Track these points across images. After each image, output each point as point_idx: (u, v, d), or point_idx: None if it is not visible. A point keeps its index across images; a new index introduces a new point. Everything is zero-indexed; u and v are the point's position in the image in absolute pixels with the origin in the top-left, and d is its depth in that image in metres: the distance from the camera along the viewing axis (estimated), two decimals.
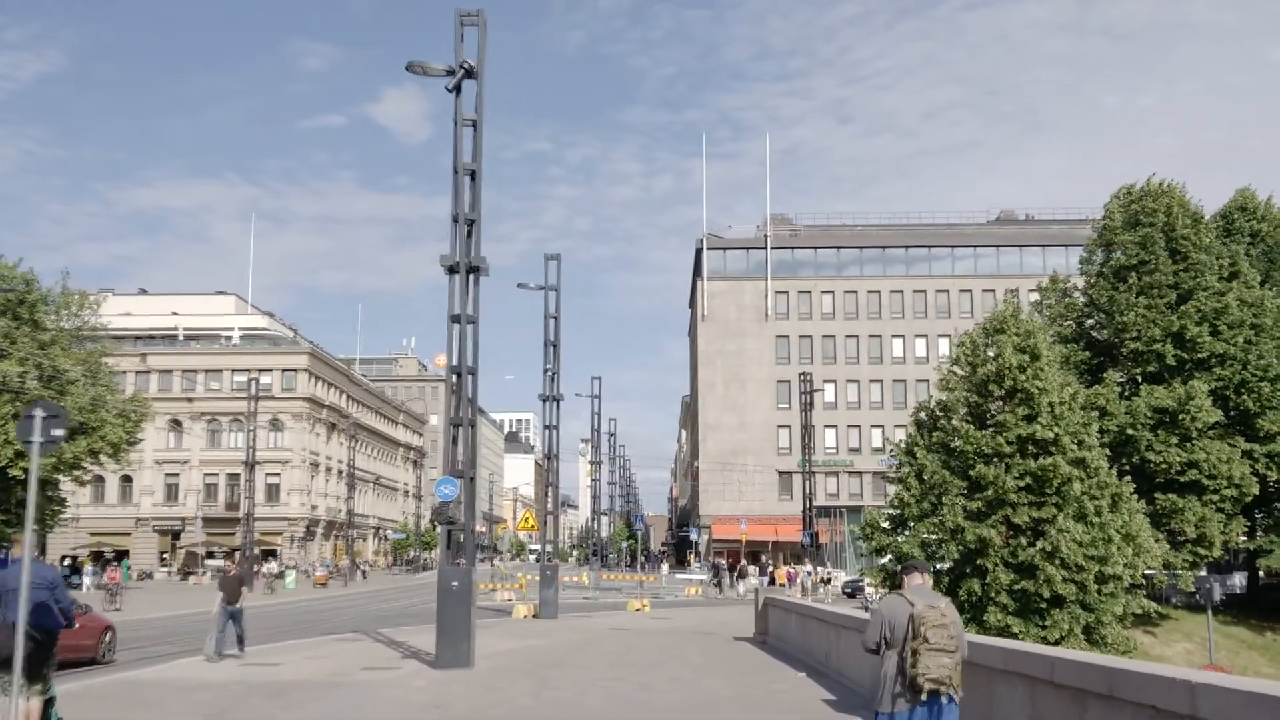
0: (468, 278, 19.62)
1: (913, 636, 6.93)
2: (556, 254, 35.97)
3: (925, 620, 6.91)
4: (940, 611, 7.04)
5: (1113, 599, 25.44)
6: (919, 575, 7.67)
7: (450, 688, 15.75)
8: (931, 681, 6.83)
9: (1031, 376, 26.39)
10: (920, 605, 7.05)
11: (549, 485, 36.49)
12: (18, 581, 9.42)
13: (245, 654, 19.85)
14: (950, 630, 6.98)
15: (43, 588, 9.75)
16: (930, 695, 6.87)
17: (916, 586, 7.50)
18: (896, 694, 7.03)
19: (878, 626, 7.37)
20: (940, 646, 6.86)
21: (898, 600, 7.38)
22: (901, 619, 7.11)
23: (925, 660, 6.82)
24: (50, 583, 9.96)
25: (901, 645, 7.06)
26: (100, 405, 55.43)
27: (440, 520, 18.84)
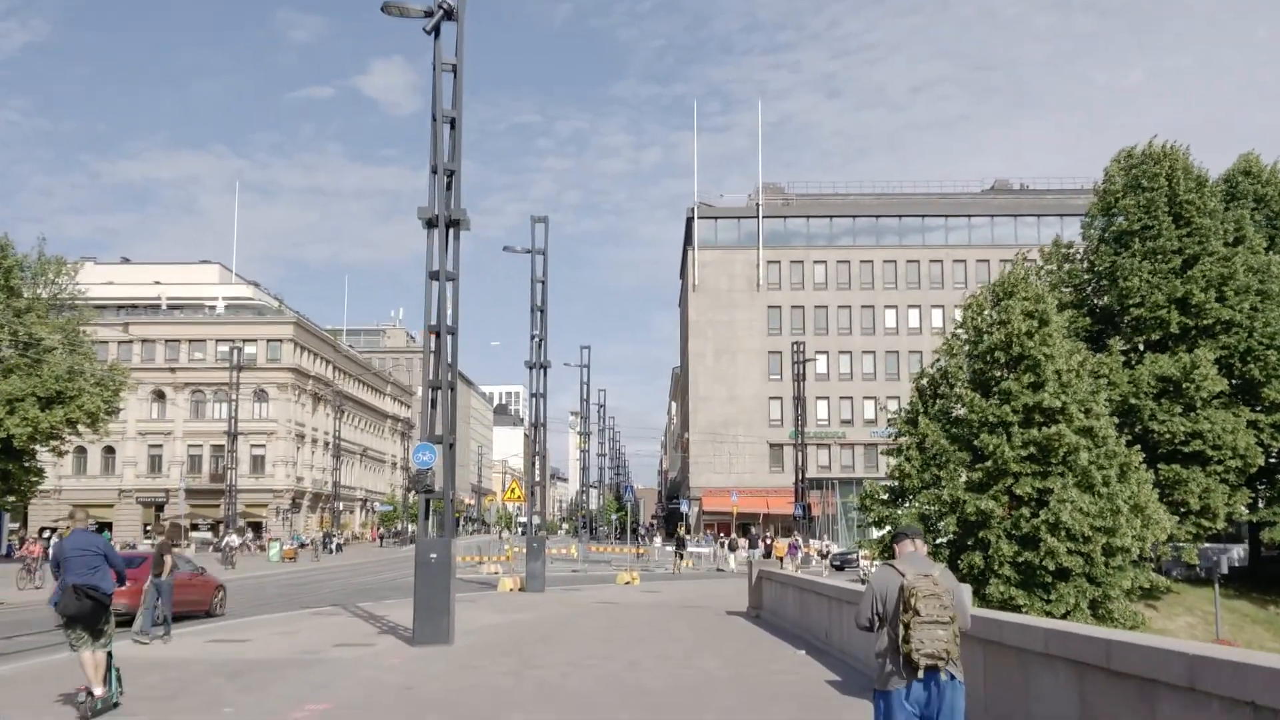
0: (447, 232, 18.47)
1: (904, 609, 6.34)
2: (544, 216, 34.82)
3: (916, 591, 6.32)
4: (932, 580, 6.44)
5: (1121, 572, 24.46)
6: (910, 542, 6.99)
7: (425, 666, 14.70)
8: (927, 657, 6.23)
9: (1039, 343, 25.32)
10: (911, 575, 6.46)
11: (536, 455, 35.41)
12: (74, 550, 10.89)
13: (169, 636, 18.07)
14: (943, 600, 6.35)
15: (96, 554, 11.01)
16: (928, 671, 6.26)
17: (908, 555, 6.87)
18: (891, 672, 6.46)
19: (870, 601, 6.76)
20: (933, 618, 6.26)
21: (888, 571, 6.75)
22: (893, 591, 6.52)
23: (918, 634, 6.24)
24: (101, 549, 11.19)
25: (893, 619, 6.47)
26: (78, 374, 54.23)
27: (418, 489, 17.74)
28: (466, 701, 11.78)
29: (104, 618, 11.13)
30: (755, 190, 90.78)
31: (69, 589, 10.69)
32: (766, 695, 12.24)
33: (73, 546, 10.99)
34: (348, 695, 12.22)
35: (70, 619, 10.78)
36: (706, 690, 12.60)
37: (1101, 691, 6.72)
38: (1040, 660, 7.73)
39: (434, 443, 18.02)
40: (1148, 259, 37.49)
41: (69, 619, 10.79)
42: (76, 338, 55.92)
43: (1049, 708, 7.60)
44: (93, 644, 10.91)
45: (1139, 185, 38.67)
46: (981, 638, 8.98)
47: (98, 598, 10.88)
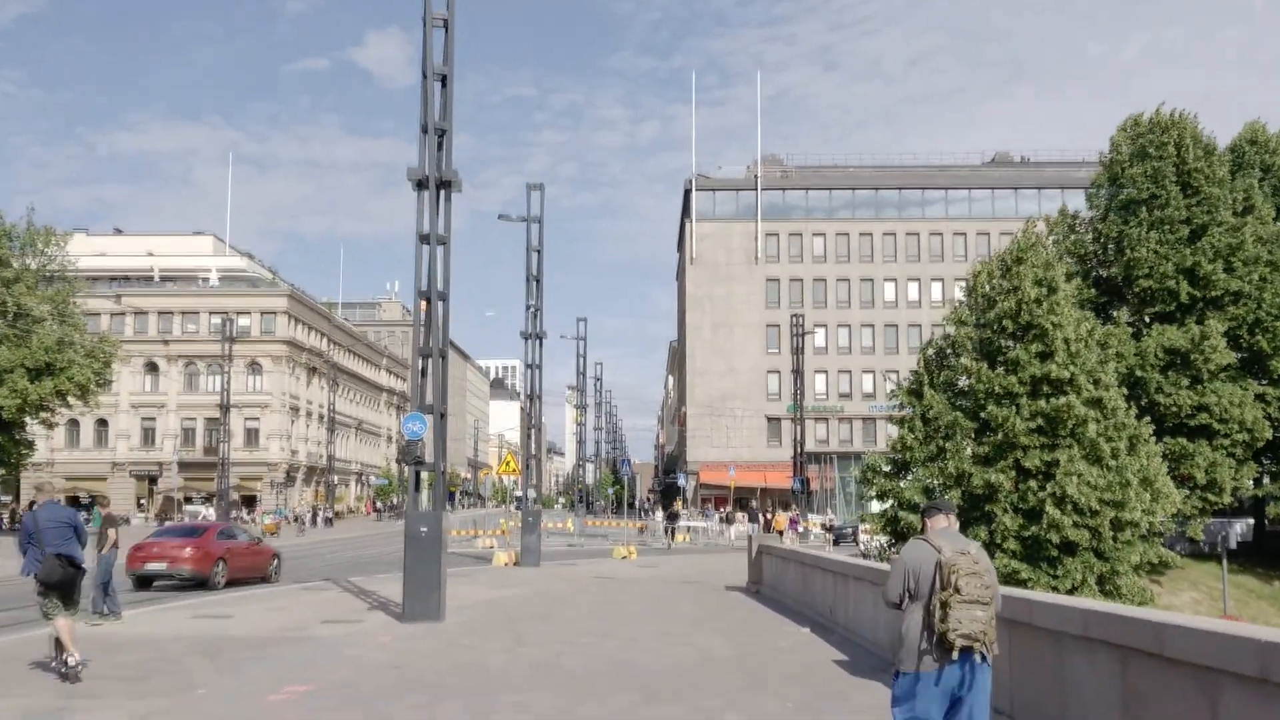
0: (438, 193, 17.75)
1: (941, 587, 6.01)
2: (539, 184, 34.06)
3: (956, 568, 5.99)
4: (972, 558, 6.10)
5: (1129, 547, 23.85)
6: (944, 517, 6.61)
7: (414, 644, 14.09)
8: (964, 638, 5.90)
9: (1047, 311, 24.65)
10: (949, 551, 6.11)
11: (531, 427, 34.76)
12: (48, 522, 11.40)
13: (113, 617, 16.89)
14: (984, 579, 6.05)
15: (67, 525, 11.53)
16: (963, 653, 5.95)
17: (942, 530, 6.48)
18: (923, 651, 6.09)
19: (900, 577, 6.38)
20: (974, 597, 5.94)
21: (922, 546, 6.36)
22: (927, 568, 6.17)
23: (956, 614, 5.90)
24: (71, 521, 11.67)
25: (928, 597, 6.12)
26: (67, 345, 53.53)
27: (408, 460, 17.10)
28: (456, 682, 11.17)
29: (78, 586, 11.74)
30: (754, 162, 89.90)
31: (50, 557, 11.17)
32: (772, 676, 11.63)
33: (46, 518, 11.48)
34: (331, 675, 11.61)
35: (49, 586, 11.24)
36: (708, 670, 11.99)
37: (1151, 680, 6.08)
38: (1078, 644, 7.10)
39: (425, 413, 17.37)
40: (1155, 229, 36.74)
41: (48, 586, 11.25)
42: (66, 308, 55.17)
43: (1087, 695, 6.97)
44: (65, 611, 11.35)
45: (1146, 154, 37.89)
46: (1007, 618, 8.34)
47: (75, 566, 11.47)
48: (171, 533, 26.46)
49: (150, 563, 24.02)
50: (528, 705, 9.89)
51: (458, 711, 9.60)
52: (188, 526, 28.84)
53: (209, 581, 23.83)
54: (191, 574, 23.79)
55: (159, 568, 24.02)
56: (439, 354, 17.43)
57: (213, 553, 24.33)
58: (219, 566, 24.33)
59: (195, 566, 23.89)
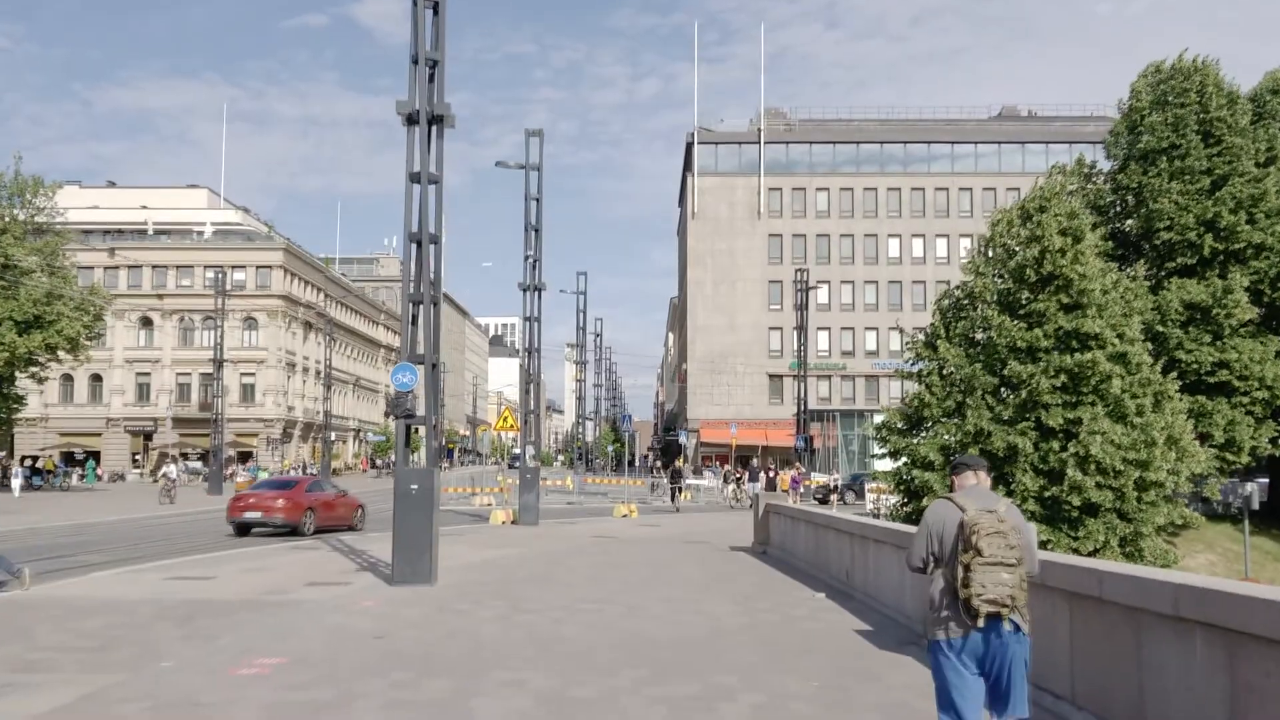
0: (430, 129, 16.60)
1: (963, 549, 5.48)
2: (539, 130, 32.79)
3: (978, 528, 5.45)
4: (997, 516, 5.54)
5: (1154, 508, 22.86)
6: (972, 474, 6.03)
7: (401, 611, 13.09)
8: (988, 603, 5.36)
9: (1072, 261, 23.49)
10: (972, 510, 5.59)
11: (529, 382, 33.69)
12: None
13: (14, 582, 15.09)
14: (1009, 539, 5.45)
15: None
16: (989, 620, 5.39)
17: (970, 488, 5.93)
18: (946, 619, 5.59)
19: (924, 539, 5.86)
20: (996, 559, 5.38)
21: (946, 506, 5.84)
22: (951, 528, 5.67)
23: (979, 577, 5.38)
24: None
25: (951, 560, 5.62)
26: (56, 298, 52.43)
27: (397, 413, 16.03)
28: (443, 655, 10.16)
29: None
30: (757, 115, 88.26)
31: None
32: (790, 648, 10.62)
33: None
34: (308, 646, 10.61)
35: None
36: (720, 641, 10.99)
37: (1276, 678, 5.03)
38: (1165, 625, 6.05)
39: (415, 363, 16.31)
40: (1176, 179, 35.46)
41: None
42: (55, 261, 54.02)
43: (1176, 687, 5.92)
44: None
45: (1167, 102, 36.54)
46: (1069, 590, 7.33)
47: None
48: (267, 485, 29.51)
49: (248, 512, 26.72)
50: (522, 683, 8.88)
51: (443, 692, 8.59)
52: (282, 480, 31.54)
53: (299, 529, 26.37)
54: (283, 522, 26.48)
55: (255, 516, 26.62)
56: (430, 300, 16.34)
57: (302, 504, 26.95)
58: (308, 516, 26.82)
59: (286, 516, 26.53)
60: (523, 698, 8.38)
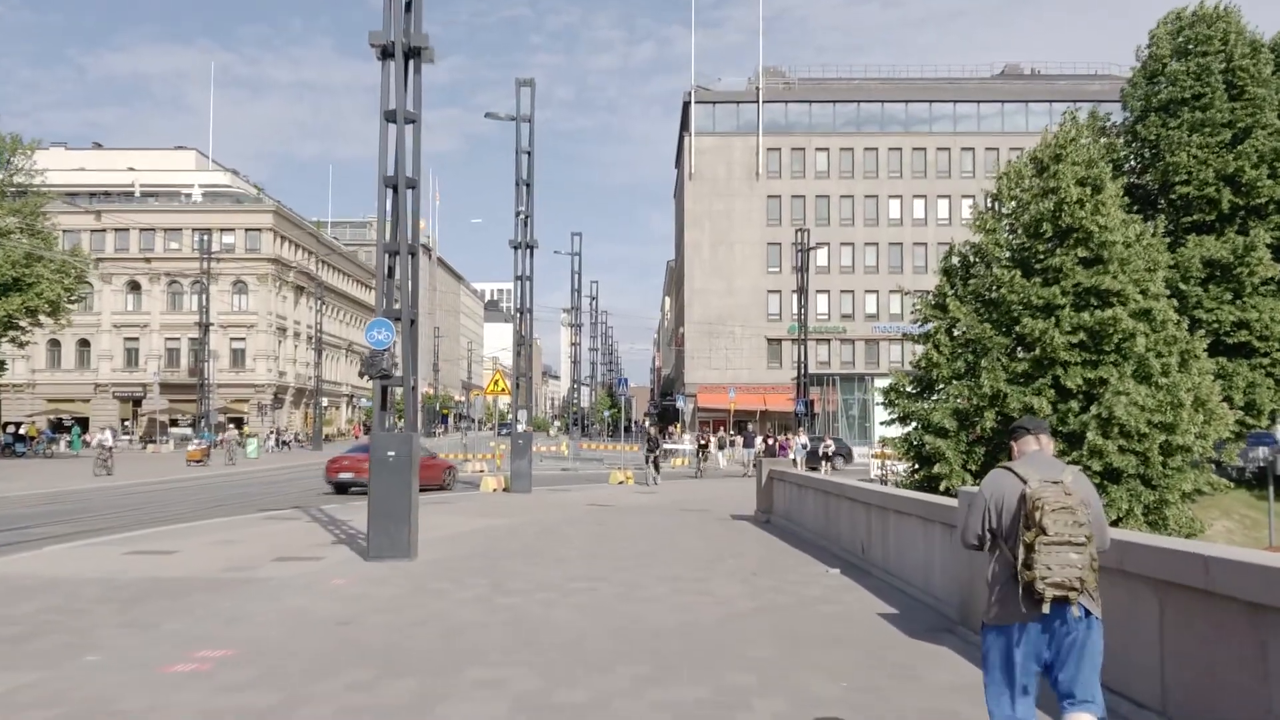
0: (406, 63, 15.17)
1: (1025, 526, 4.83)
2: (530, 79, 31.27)
3: (1042, 502, 4.79)
4: (1063, 489, 4.86)
5: (1180, 474, 21.59)
6: (1034, 439, 5.36)
7: (373, 591, 11.82)
8: (1054, 586, 4.72)
9: (1091, 213, 22.10)
10: (1035, 482, 4.90)
11: (520, 344, 32.33)
12: None
13: None
14: (1077, 514, 4.79)
15: None
16: (1055, 605, 4.75)
17: (1031, 455, 5.24)
18: (1007, 603, 4.92)
19: (980, 513, 5.18)
20: (1064, 537, 4.74)
21: (1005, 477, 5.14)
22: (1011, 501, 5.01)
23: (1044, 558, 4.72)
24: None
25: (1012, 537, 4.96)
26: (36, 260, 50.94)
27: (372, 373, 14.68)
28: (413, 646, 8.88)
29: None
30: (755, 75, 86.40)
31: None
32: (809, 636, 9.35)
33: None
34: (261, 635, 9.34)
35: None
36: (729, 629, 9.72)
37: None
38: None
39: (391, 318, 14.96)
40: (1196, 131, 33.99)
41: None
42: (35, 221, 52.48)
43: None
44: None
45: (1188, 50, 35.02)
46: (1159, 578, 6.04)
47: None
48: (360, 448, 30.83)
49: (342, 473, 29.48)
50: (500, 684, 7.59)
51: (405, 695, 7.29)
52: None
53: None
54: (353, 478, 28.62)
55: (349, 477, 29.02)
56: (407, 250, 14.97)
57: None
58: None
59: (355, 473, 28.61)
60: (499, 703, 7.08)
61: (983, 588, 8.74)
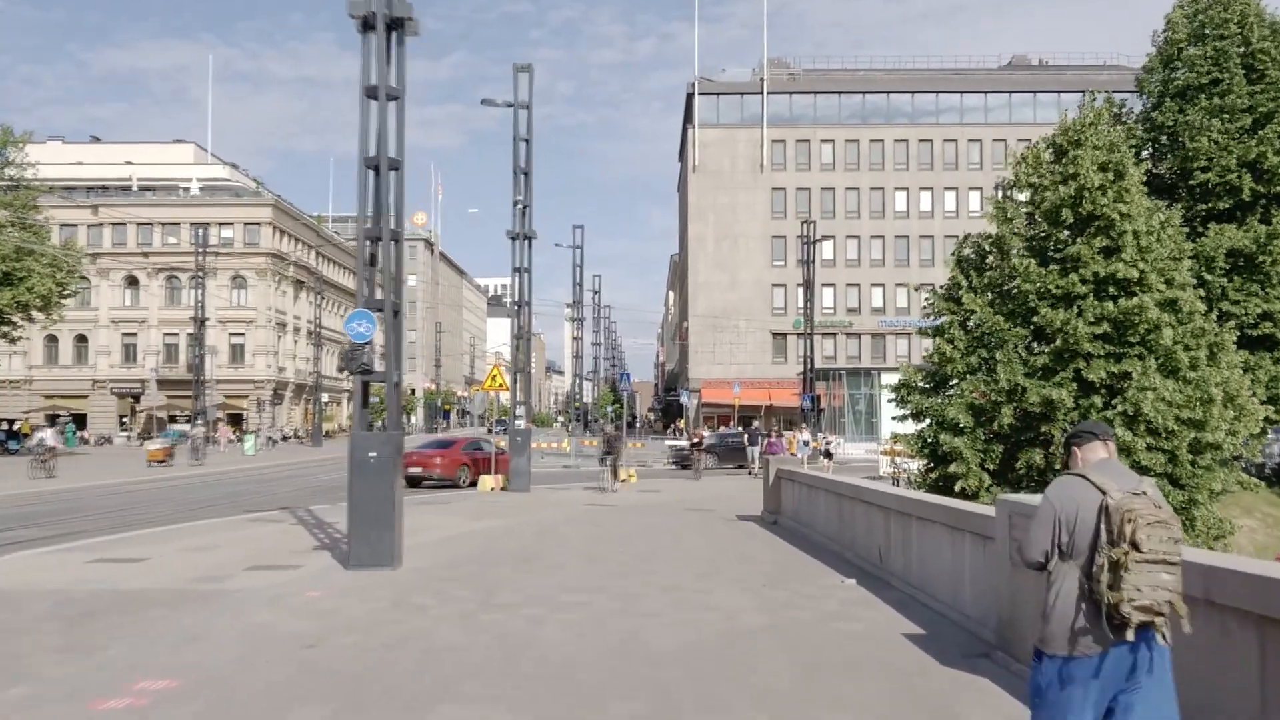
0: (388, 36, 14.16)
1: (1110, 541, 4.20)
2: (527, 65, 30.24)
3: (1134, 515, 4.14)
4: (1151, 501, 4.26)
5: (1209, 473, 20.59)
6: (1101, 445, 4.69)
7: (348, 605, 10.82)
8: (1142, 610, 4.12)
9: (1114, 199, 21.04)
10: (1117, 493, 4.26)
11: (518, 337, 31.32)
12: None
13: None
14: (1173, 530, 4.20)
15: None
16: (1140, 631, 4.17)
17: (1100, 462, 4.59)
18: (1081, 630, 4.29)
19: (1048, 526, 4.48)
20: (1158, 555, 4.13)
21: (1080, 486, 4.43)
22: (1088, 514, 4.32)
23: (1135, 578, 4.10)
24: None
25: (1089, 555, 4.31)
26: (28, 254, 49.97)
27: (352, 368, 13.68)
28: (382, 675, 7.88)
29: None
30: (759, 65, 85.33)
31: None
32: (829, 663, 8.33)
33: None
34: (214, 660, 8.35)
35: None
36: (738, 651, 8.71)
37: None
38: None
39: (373, 309, 13.97)
40: (1216, 116, 32.89)
41: None
42: (26, 215, 51.50)
43: None
44: None
45: (1205, 34, 33.93)
46: (1259, 613, 5.03)
47: None
48: (429, 444, 33.11)
49: (411, 468, 29.76)
50: None
51: None
52: (441, 439, 34.54)
53: (456, 482, 30.27)
54: (441, 477, 30.47)
55: (418, 471, 30.22)
56: (390, 236, 13.97)
57: (458, 460, 31.14)
58: (463, 471, 30.84)
59: (443, 471, 30.66)
60: None
61: (1028, 608, 7.77)
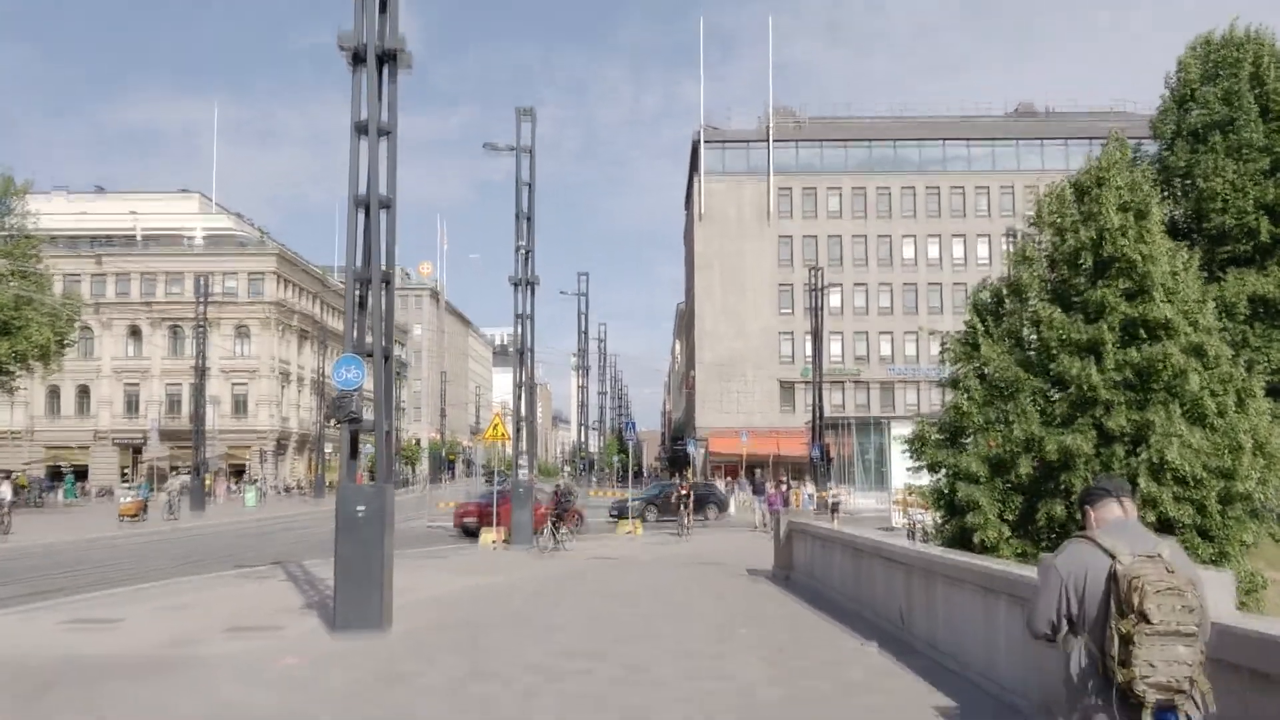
0: (380, 69, 13.55)
1: (1119, 612, 3.75)
2: (530, 108, 29.78)
3: (1142, 581, 3.71)
4: (1163, 565, 3.79)
5: (1239, 524, 19.68)
6: (1117, 503, 4.20)
7: (327, 676, 9.98)
8: (1157, 689, 3.67)
9: (1135, 240, 20.30)
10: (1127, 556, 3.82)
11: (520, 385, 30.54)
12: None
13: None
14: (1186, 598, 3.71)
15: None
16: (1159, 712, 3.68)
17: (1115, 523, 4.10)
18: (1093, 709, 3.84)
19: (1054, 595, 4.02)
20: (1171, 627, 3.67)
21: (1087, 549, 4.01)
22: (1096, 581, 3.89)
23: (1145, 652, 3.66)
24: None
25: (1100, 626, 3.85)
26: (26, 303, 49.44)
27: (339, 417, 12.92)
28: None
29: None
30: (765, 114, 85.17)
31: None
32: None
33: None
34: None
35: None
36: None
37: None
38: None
39: (362, 354, 13.24)
40: (1231, 157, 32.23)
41: None
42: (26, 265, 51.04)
43: None
44: None
45: (1218, 75, 33.37)
46: None
47: None
48: (484, 496, 33.90)
49: (467, 518, 32.26)
50: None
51: None
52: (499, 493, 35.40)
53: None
54: (475, 524, 30.97)
55: (472, 522, 31.37)
56: (381, 278, 13.27)
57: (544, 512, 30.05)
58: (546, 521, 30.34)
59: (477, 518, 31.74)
60: None
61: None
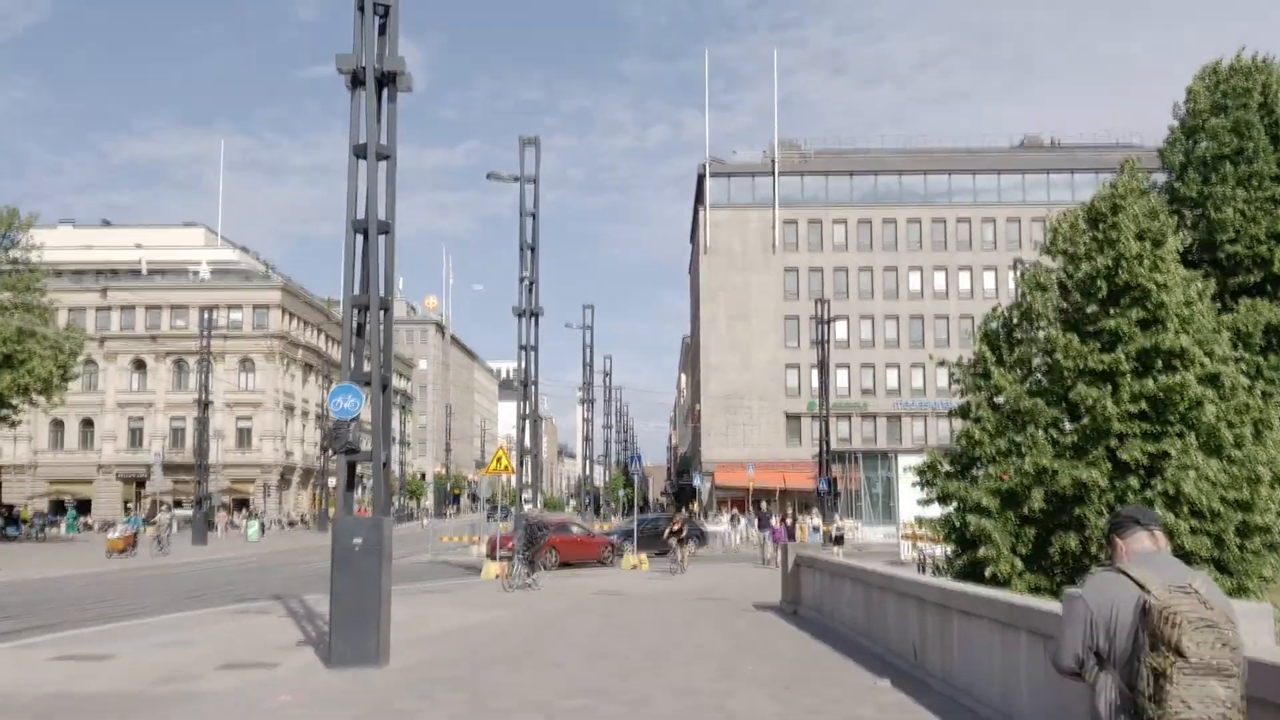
0: (380, 92, 13.32)
1: (1151, 646, 3.50)
2: (534, 137, 29.58)
3: (1174, 616, 3.46)
4: (1199, 598, 3.54)
5: (1258, 557, 19.28)
6: (1147, 534, 3.95)
7: (320, 714, 9.61)
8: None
9: (1150, 269, 20.00)
10: (1159, 589, 3.56)
11: (524, 417, 30.20)
12: None
13: None
14: (1224, 634, 3.48)
15: None
16: None
17: (1145, 554, 3.87)
18: None
19: (1081, 627, 3.80)
20: (1207, 663, 3.42)
21: (1116, 581, 3.75)
22: (1126, 614, 3.65)
23: (1181, 690, 3.41)
24: None
25: (1129, 662, 3.61)
26: (28, 336, 49.27)
27: (336, 447, 12.59)
28: None
29: None
30: (770, 146, 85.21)
31: None
32: None
33: None
34: None
35: None
36: None
37: None
38: None
39: (360, 383, 12.92)
40: (1242, 186, 31.99)
41: None
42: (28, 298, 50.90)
43: None
44: None
45: (1226, 105, 33.20)
46: None
47: None
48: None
49: (500, 549, 30.27)
50: None
51: None
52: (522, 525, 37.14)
53: (544, 564, 29.78)
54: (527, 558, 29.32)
55: (506, 554, 29.32)
56: (379, 305, 12.98)
57: (545, 543, 30.65)
58: (550, 554, 31.31)
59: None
60: None
61: None
